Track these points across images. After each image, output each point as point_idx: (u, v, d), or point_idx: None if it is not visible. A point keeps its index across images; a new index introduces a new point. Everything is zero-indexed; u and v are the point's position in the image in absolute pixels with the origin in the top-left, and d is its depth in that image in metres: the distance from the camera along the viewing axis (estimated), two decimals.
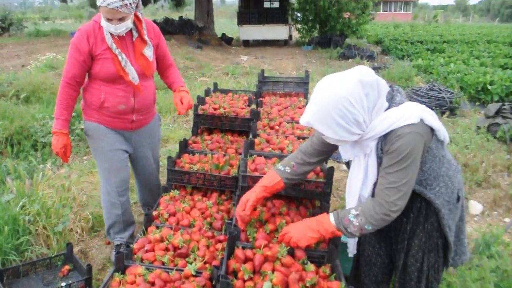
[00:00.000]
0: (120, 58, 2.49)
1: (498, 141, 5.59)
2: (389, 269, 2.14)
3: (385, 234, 2.05)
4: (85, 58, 2.50)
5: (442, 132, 1.71)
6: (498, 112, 5.98)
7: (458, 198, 1.86)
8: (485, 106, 6.91)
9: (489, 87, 8.04)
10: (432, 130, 1.67)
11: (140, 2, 2.53)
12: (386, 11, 53.67)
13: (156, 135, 3.00)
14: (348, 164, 1.91)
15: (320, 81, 1.66)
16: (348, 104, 1.56)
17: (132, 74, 2.55)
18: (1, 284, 2.61)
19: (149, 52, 2.63)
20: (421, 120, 1.61)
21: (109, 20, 2.39)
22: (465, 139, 5.48)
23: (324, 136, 1.69)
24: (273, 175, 1.98)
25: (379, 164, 1.72)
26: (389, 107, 1.67)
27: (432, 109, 7.08)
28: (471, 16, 67.91)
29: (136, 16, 2.54)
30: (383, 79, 1.69)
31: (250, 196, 1.93)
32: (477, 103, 7.98)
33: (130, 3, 2.36)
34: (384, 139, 1.65)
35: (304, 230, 1.78)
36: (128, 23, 2.45)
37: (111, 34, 2.47)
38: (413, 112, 1.61)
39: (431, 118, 1.65)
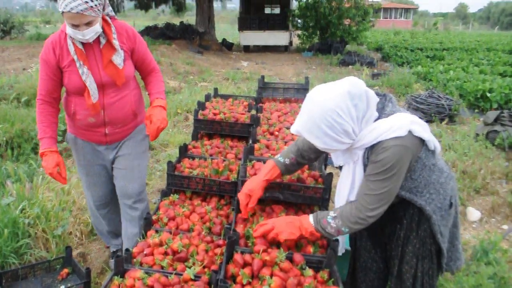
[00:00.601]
0: (81, 71, 2.32)
1: (497, 148, 5.62)
2: (384, 275, 2.16)
3: (380, 240, 2.07)
4: (55, 71, 2.36)
5: (433, 142, 1.74)
6: (496, 120, 6.01)
7: (451, 205, 1.88)
8: (484, 114, 6.93)
9: (488, 94, 8.07)
10: (422, 140, 1.69)
11: (107, 3, 2.35)
12: (387, 18, 53.87)
13: (136, 146, 2.70)
14: (340, 168, 1.95)
15: (310, 91, 1.69)
16: (336, 116, 1.58)
17: (92, 91, 2.36)
18: (0, 286, 2.61)
19: (118, 59, 2.39)
20: (410, 132, 1.63)
21: (75, 26, 2.18)
22: (464, 146, 5.51)
23: (314, 145, 1.71)
24: (272, 167, 2.05)
25: (365, 171, 1.76)
26: (378, 118, 1.70)
27: (431, 116, 7.08)
28: (470, 24, 68.16)
29: (104, 19, 2.34)
30: (372, 90, 1.72)
31: (254, 190, 2.01)
32: (476, 111, 8.01)
33: (96, 5, 2.16)
34: (371, 149, 1.69)
35: (286, 225, 1.83)
36: (97, 27, 2.25)
37: (74, 43, 2.30)
38: (401, 125, 1.63)
39: (420, 129, 1.67)
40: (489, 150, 5.43)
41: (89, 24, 2.19)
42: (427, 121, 6.98)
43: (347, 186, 1.83)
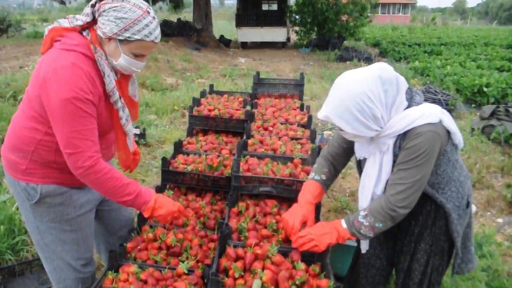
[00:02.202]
0: (121, 111, 1.84)
1: (493, 142, 5.64)
2: (386, 272, 2.15)
3: (389, 237, 2.05)
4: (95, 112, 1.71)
5: (458, 136, 1.72)
6: (493, 114, 6.03)
7: (468, 204, 1.86)
8: (481, 108, 6.95)
9: (485, 89, 8.09)
10: (448, 133, 1.69)
11: None
12: (385, 14, 53.82)
13: None
14: (359, 164, 1.93)
15: (340, 77, 1.68)
16: (367, 99, 1.58)
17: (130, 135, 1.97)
18: None
19: (136, 90, 2.02)
20: (440, 121, 1.63)
21: (139, 57, 1.76)
22: None
23: (342, 132, 1.71)
24: (315, 186, 2.00)
25: (395, 161, 1.72)
26: (408, 106, 1.69)
27: None
28: (469, 18, 68.10)
29: None
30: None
31: (308, 216, 1.92)
32: (473, 105, 8.03)
33: None
34: (403, 137, 1.66)
35: (324, 236, 1.80)
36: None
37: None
38: (432, 112, 1.62)
39: (449, 120, 1.67)
40: (485, 144, 5.46)
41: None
42: None
43: (373, 178, 1.78)
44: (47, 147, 1.76)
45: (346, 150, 2.00)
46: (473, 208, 4.03)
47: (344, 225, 1.79)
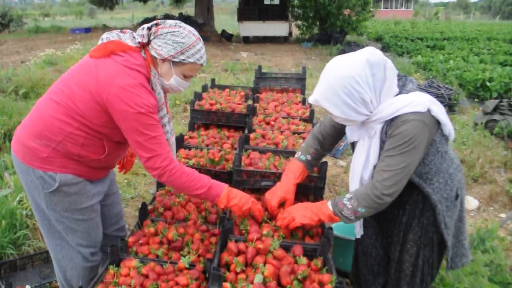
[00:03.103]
0: (167, 127, 1.99)
1: (496, 137, 5.62)
2: (384, 262, 2.15)
3: (382, 226, 2.07)
4: None
5: (448, 127, 1.72)
6: (496, 109, 6.00)
7: (457, 196, 1.86)
8: (484, 103, 6.92)
9: (488, 84, 8.05)
10: (438, 123, 1.68)
11: None
12: (387, 8, 53.52)
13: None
14: (353, 145, 1.94)
15: (329, 62, 1.70)
16: (355, 83, 1.59)
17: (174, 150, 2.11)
18: None
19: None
20: (428, 110, 1.63)
21: (188, 77, 1.93)
22: (463, 136, 5.50)
23: (332, 115, 1.72)
24: (302, 170, 2.06)
25: (382, 148, 1.74)
26: (399, 93, 1.70)
27: None
28: (472, 13, 67.75)
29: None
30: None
31: (288, 196, 2.02)
32: (475, 100, 7.99)
33: None
34: (390, 123, 1.67)
35: (304, 211, 1.85)
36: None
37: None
38: (421, 101, 1.62)
39: (439, 110, 1.66)
40: (488, 139, 5.43)
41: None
42: None
43: (361, 162, 1.81)
44: (75, 140, 1.83)
45: (337, 130, 2.03)
46: (476, 203, 4.02)
47: (329, 204, 1.82)
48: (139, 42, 1.84)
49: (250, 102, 3.30)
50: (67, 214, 1.96)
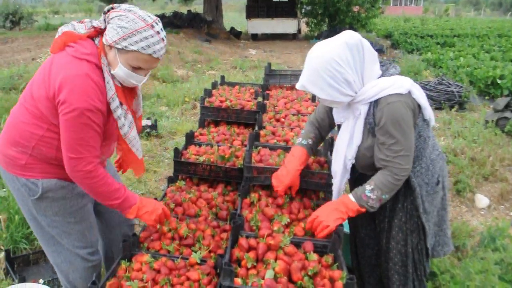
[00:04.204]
0: (122, 121, 1.83)
1: (506, 135, 5.57)
2: (381, 253, 2.17)
3: (371, 214, 2.07)
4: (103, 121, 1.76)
5: (428, 111, 1.81)
6: (507, 107, 5.94)
7: (438, 183, 1.93)
8: (495, 101, 6.85)
9: (499, 81, 7.97)
10: (419, 107, 1.77)
11: None
12: (397, 5, 53.15)
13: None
14: (339, 127, 2.00)
15: (312, 47, 1.79)
16: (336, 65, 1.68)
17: (136, 146, 1.96)
18: (12, 271, 2.67)
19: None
20: (409, 92, 1.73)
21: (138, 69, 1.74)
22: (473, 133, 5.46)
23: (320, 99, 1.80)
24: (301, 152, 2.09)
25: (369, 130, 1.82)
26: (382, 76, 1.79)
27: (441, 103, 7.03)
28: (482, 10, 67.02)
29: None
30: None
31: (294, 182, 2.08)
32: (486, 97, 7.92)
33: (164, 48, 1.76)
34: (375, 105, 1.76)
35: (333, 213, 1.86)
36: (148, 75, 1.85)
37: (114, 83, 1.77)
38: (402, 83, 1.72)
39: (419, 94, 1.76)
40: (499, 137, 5.38)
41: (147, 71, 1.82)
42: (436, 109, 6.93)
43: (345, 142, 1.89)
44: (48, 143, 1.77)
45: (329, 115, 2.08)
46: (486, 201, 3.99)
47: (352, 198, 1.85)
48: (93, 28, 1.75)
49: (260, 99, 3.31)
50: (58, 218, 1.92)
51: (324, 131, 2.17)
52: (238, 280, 1.63)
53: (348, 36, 1.72)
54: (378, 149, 1.79)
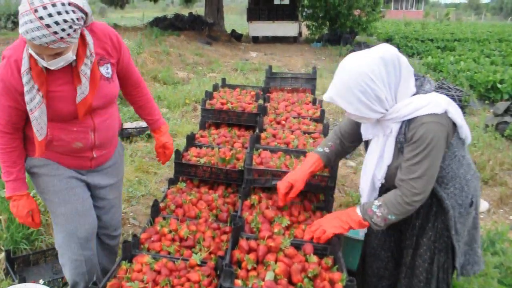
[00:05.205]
0: (29, 97, 1.76)
1: (506, 139, 5.58)
2: (391, 265, 2.13)
3: (394, 229, 2.03)
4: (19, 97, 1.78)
5: (464, 130, 1.69)
6: (507, 111, 5.96)
7: (471, 204, 1.82)
8: (495, 105, 6.87)
9: (499, 85, 7.98)
10: (455, 125, 1.67)
11: (90, 14, 1.73)
12: (397, 9, 53.20)
13: (120, 170, 2.34)
14: (366, 144, 1.93)
15: (344, 59, 1.69)
16: (369, 80, 1.58)
17: (37, 127, 1.82)
18: (12, 271, 2.67)
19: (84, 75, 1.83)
20: (446, 112, 1.61)
21: (39, 55, 1.67)
22: (473, 137, 5.47)
23: (347, 113, 1.71)
24: (316, 160, 2.04)
25: (399, 149, 1.72)
26: (416, 93, 1.68)
27: None
28: (483, 14, 67.10)
29: (81, 35, 1.78)
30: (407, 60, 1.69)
31: (297, 181, 2.01)
32: (486, 102, 7.93)
33: (70, 33, 1.59)
34: (408, 124, 1.66)
35: (333, 221, 1.83)
36: (68, 56, 1.70)
37: (32, 59, 1.73)
38: (438, 102, 1.61)
39: (456, 112, 1.64)
40: (499, 141, 5.40)
41: (57, 54, 1.67)
42: None
43: (374, 161, 1.79)
44: (20, 126, 1.92)
45: (354, 127, 1.99)
46: (486, 205, 4.00)
47: (357, 210, 1.80)
48: None
49: (260, 101, 3.32)
50: (45, 196, 2.06)
51: (347, 144, 2.06)
52: (239, 282, 1.63)
53: (384, 51, 1.63)
54: (400, 166, 1.72)
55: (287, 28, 19.63)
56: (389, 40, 19.66)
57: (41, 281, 2.52)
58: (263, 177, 2.26)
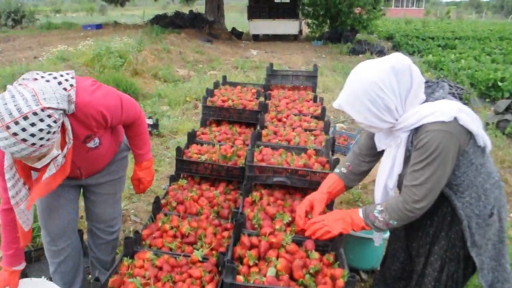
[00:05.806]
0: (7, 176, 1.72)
1: (507, 137, 5.58)
2: (409, 268, 2.09)
3: (409, 233, 2.00)
4: None
5: (482, 137, 1.62)
6: (507, 109, 5.96)
7: (491, 215, 1.72)
8: (495, 103, 6.87)
9: (499, 83, 7.98)
10: (470, 132, 1.59)
11: (70, 106, 1.67)
12: (398, 7, 53.08)
13: (119, 171, 2.30)
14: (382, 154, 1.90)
15: (356, 67, 1.67)
16: (378, 89, 1.56)
17: (23, 219, 1.81)
18: None
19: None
20: (455, 119, 1.55)
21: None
22: None
23: (356, 121, 1.69)
24: (335, 180, 2.01)
25: (408, 157, 1.69)
26: (426, 101, 1.64)
27: None
28: (484, 12, 67.02)
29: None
30: (418, 70, 1.65)
31: (316, 202, 1.96)
32: (487, 100, 7.93)
33: (49, 138, 1.52)
34: (415, 133, 1.63)
35: (337, 221, 1.82)
36: (53, 153, 1.63)
37: None
38: (446, 110, 1.55)
39: (468, 119, 1.56)
40: (499, 139, 5.40)
41: (42, 156, 1.61)
42: None
43: (386, 170, 1.77)
44: None
45: (371, 141, 1.93)
46: None
47: (360, 214, 1.79)
48: None
49: (261, 99, 3.32)
50: None
51: (366, 158, 1.98)
52: (240, 278, 1.64)
53: (395, 60, 1.59)
54: (408, 170, 1.69)
55: (287, 26, 19.62)
56: (389, 38, 19.67)
57: (43, 277, 2.53)
58: (264, 174, 2.26)
